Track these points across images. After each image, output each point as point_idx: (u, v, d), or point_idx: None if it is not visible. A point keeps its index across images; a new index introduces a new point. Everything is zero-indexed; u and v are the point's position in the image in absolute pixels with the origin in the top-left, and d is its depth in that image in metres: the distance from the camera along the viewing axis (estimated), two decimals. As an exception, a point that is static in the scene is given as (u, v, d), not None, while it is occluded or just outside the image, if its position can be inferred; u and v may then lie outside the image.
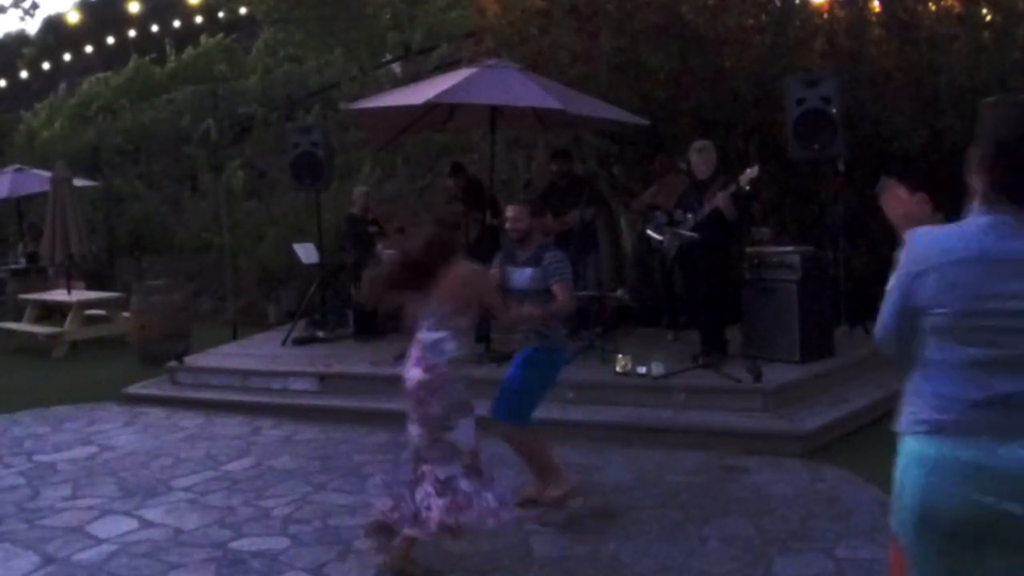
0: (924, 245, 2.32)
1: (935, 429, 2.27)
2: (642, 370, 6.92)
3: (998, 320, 2.22)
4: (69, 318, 11.46)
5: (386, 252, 9.49)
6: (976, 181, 2.29)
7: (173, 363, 8.87)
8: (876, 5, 9.22)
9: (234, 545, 5.00)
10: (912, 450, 2.31)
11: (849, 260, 8.23)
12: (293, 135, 10.00)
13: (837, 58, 8.91)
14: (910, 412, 2.35)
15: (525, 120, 8.88)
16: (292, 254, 10.40)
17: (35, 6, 24.15)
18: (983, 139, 2.28)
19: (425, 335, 4.45)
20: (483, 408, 4.84)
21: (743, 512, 5.10)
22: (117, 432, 7.58)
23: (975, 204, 2.30)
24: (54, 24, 29.53)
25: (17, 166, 13.92)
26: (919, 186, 2.61)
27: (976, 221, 2.28)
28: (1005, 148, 2.24)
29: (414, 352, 4.47)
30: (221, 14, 24.32)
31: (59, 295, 12.07)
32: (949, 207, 2.56)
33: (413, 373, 4.41)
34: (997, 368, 2.23)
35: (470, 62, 9.23)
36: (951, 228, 2.33)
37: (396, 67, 16.79)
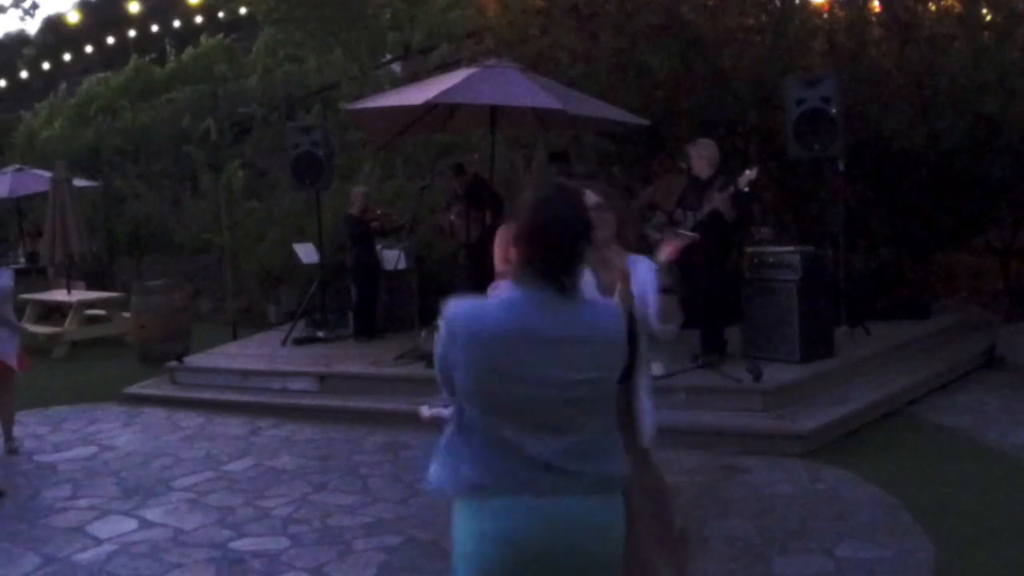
0: (454, 316, 2.37)
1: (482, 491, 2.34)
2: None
3: (522, 392, 2.30)
4: (69, 318, 11.46)
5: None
6: (513, 254, 2.38)
7: (173, 363, 8.87)
8: (876, 5, 9.23)
9: (234, 545, 5.00)
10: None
11: (849, 260, 8.23)
12: (293, 135, 9.99)
13: (837, 58, 8.91)
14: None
15: (525, 120, 8.87)
16: (292, 254, 10.40)
17: (35, 6, 24.15)
18: (522, 217, 2.38)
19: None
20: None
21: (743, 512, 5.10)
22: (117, 432, 7.58)
23: (513, 278, 2.38)
24: (54, 24, 29.50)
25: (17, 166, 13.93)
26: None
27: (509, 296, 2.36)
28: (542, 231, 2.33)
29: None
30: (221, 14, 24.27)
31: (59, 295, 12.07)
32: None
33: None
34: (525, 435, 2.32)
35: (470, 62, 9.22)
36: (484, 302, 2.43)
37: (396, 67, 16.78)
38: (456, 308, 2.38)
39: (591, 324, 2.38)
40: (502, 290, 2.53)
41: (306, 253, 10.14)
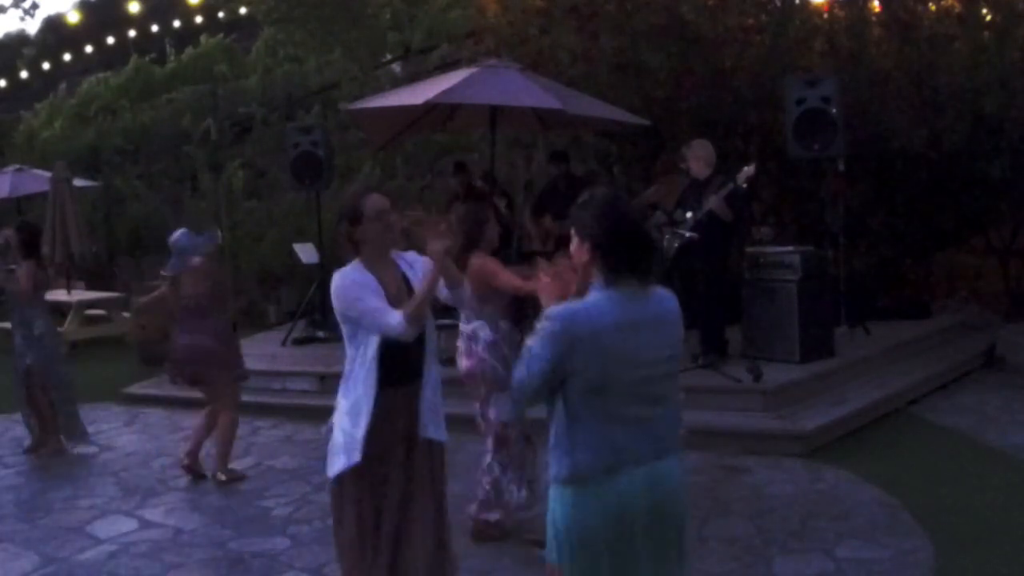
0: (570, 319, 2.67)
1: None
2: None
3: (636, 373, 2.69)
4: (69, 318, 11.45)
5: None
6: (595, 269, 2.72)
7: (173, 363, 8.86)
8: (876, 5, 9.23)
9: (234, 545, 5.00)
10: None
11: (849, 260, 8.24)
12: (293, 135, 9.98)
13: (837, 58, 8.92)
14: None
15: (525, 120, 8.86)
16: (292, 254, 10.39)
17: (35, 6, 23.96)
18: (594, 235, 2.71)
19: (464, 326, 4.69)
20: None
21: (743, 512, 5.10)
22: (117, 432, 7.58)
23: (598, 283, 2.72)
24: (54, 24, 29.46)
25: (17, 166, 13.88)
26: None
27: (604, 295, 2.70)
28: (618, 239, 2.70)
29: (459, 344, 4.72)
30: (221, 14, 24.24)
31: (59, 295, 12.05)
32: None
33: (460, 363, 4.71)
34: (642, 408, 2.73)
35: (470, 62, 9.22)
36: (585, 304, 2.72)
37: (396, 67, 16.77)
38: (568, 312, 2.69)
39: (664, 308, 2.82)
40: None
41: (306, 253, 10.13)
